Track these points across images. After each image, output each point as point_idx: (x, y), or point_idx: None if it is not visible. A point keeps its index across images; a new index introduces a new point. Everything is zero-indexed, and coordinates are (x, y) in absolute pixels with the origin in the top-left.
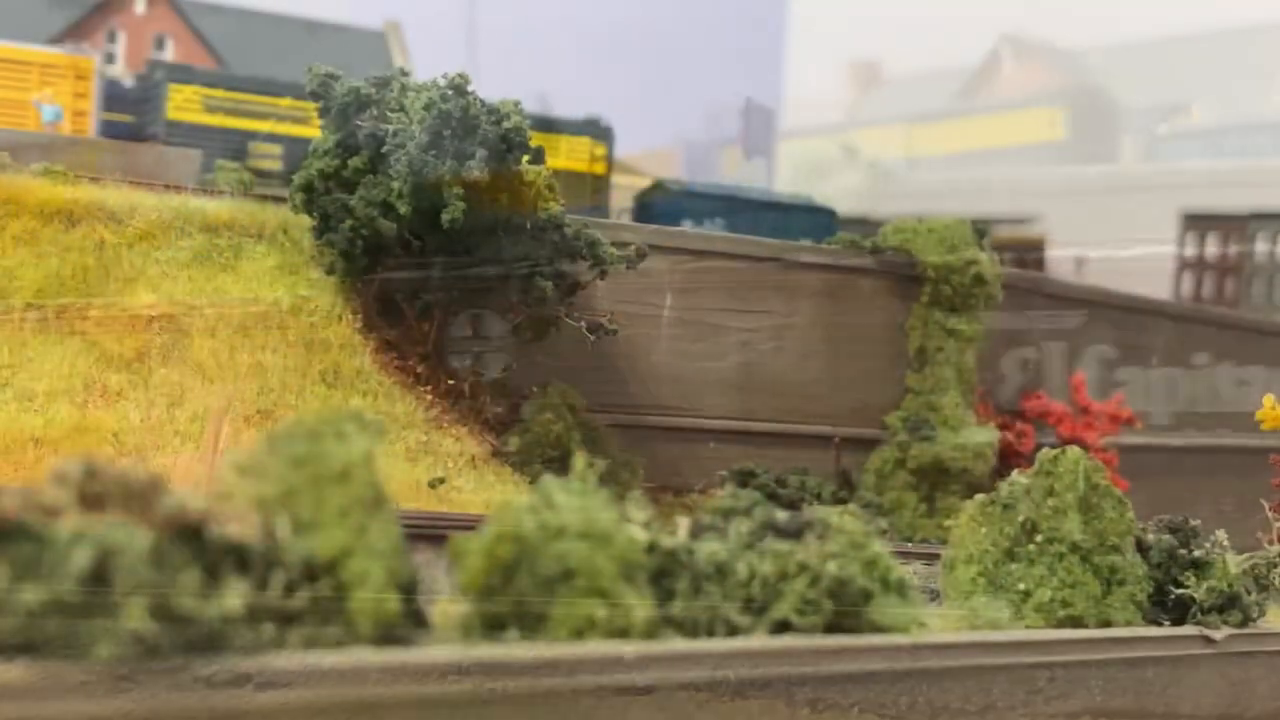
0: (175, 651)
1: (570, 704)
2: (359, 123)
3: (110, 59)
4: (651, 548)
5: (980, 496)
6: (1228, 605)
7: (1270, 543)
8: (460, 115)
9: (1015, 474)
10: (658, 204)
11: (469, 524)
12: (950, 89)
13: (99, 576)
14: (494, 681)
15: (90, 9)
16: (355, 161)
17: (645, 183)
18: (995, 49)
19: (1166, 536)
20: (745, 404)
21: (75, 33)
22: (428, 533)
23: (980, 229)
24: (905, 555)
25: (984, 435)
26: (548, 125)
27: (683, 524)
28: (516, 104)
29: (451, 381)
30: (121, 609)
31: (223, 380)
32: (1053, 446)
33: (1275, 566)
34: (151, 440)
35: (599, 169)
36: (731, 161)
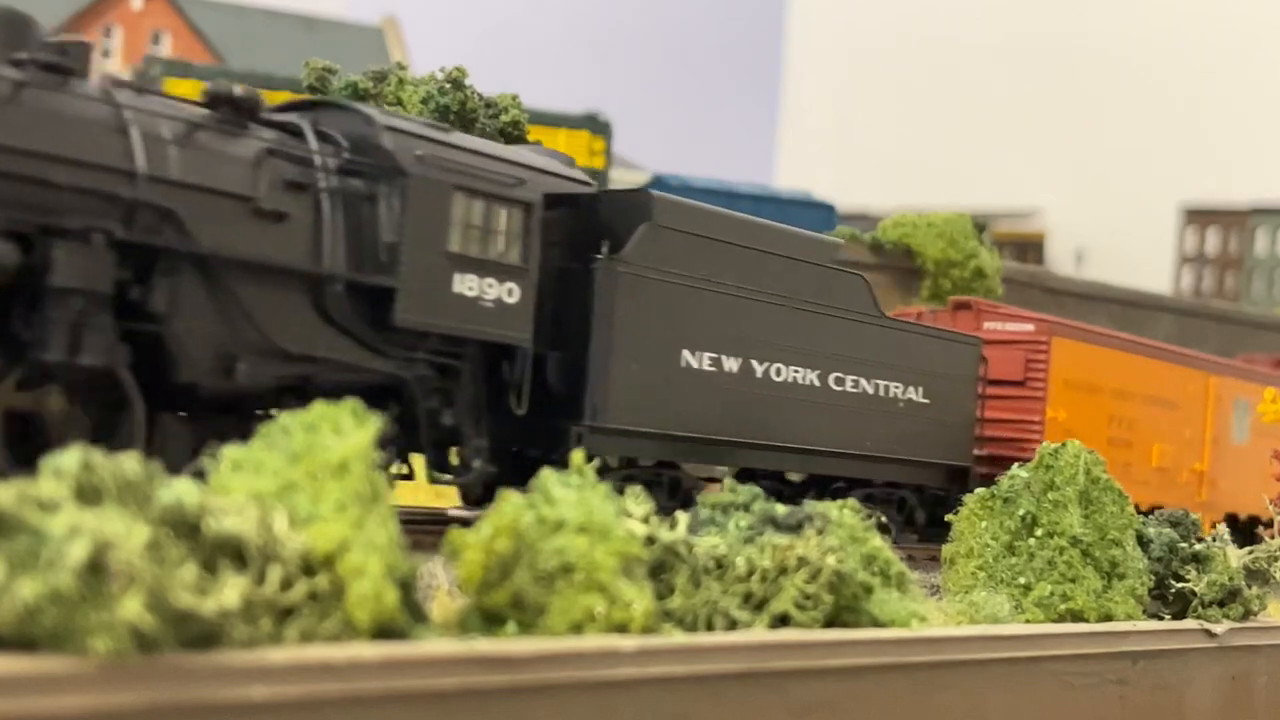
0: (172, 646)
1: (568, 698)
2: None
3: (107, 54)
4: (650, 542)
5: (981, 490)
6: (1228, 599)
7: (1270, 536)
8: (458, 109)
9: (1015, 468)
10: None
11: (468, 519)
12: None
13: (96, 570)
14: (492, 676)
15: (87, 4)
16: None
17: (642, 178)
18: None
19: (1167, 530)
20: None
21: (72, 28)
22: (427, 528)
23: (980, 223)
24: (905, 550)
25: None
26: (547, 119)
27: (682, 518)
28: (514, 98)
29: None
30: (118, 603)
31: None
32: None
33: (1275, 560)
34: None
35: (597, 163)
36: None
